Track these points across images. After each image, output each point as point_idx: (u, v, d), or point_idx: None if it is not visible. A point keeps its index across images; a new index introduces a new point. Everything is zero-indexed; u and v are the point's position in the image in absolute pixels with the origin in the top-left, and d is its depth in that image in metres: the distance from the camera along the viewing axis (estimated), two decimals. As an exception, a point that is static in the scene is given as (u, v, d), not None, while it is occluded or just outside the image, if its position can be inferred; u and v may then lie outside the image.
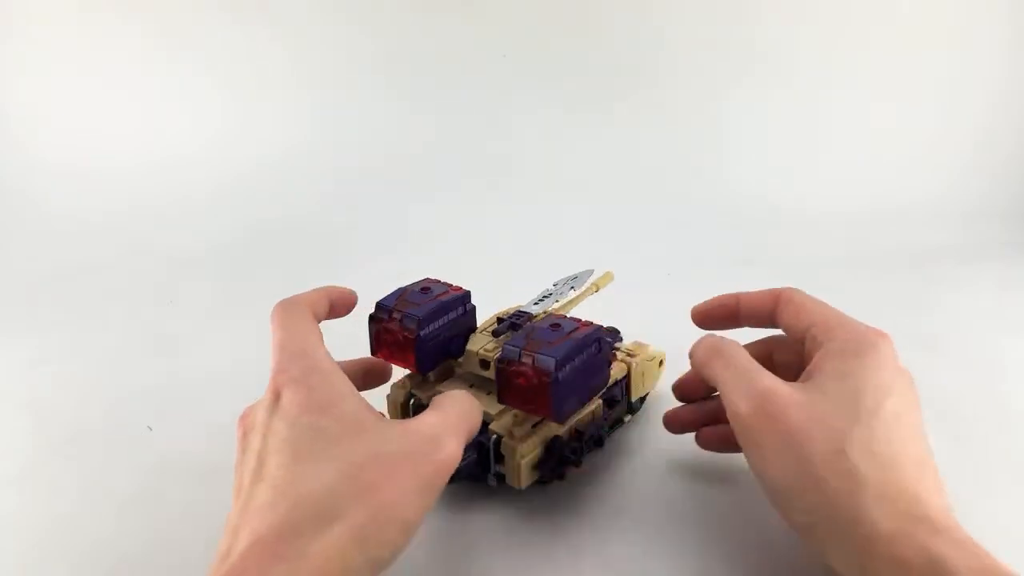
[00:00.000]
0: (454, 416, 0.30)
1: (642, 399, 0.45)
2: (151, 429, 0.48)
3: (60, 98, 0.97)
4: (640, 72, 0.96)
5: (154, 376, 0.55)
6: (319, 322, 0.34)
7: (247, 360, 0.56)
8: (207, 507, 0.39)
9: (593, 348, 0.35)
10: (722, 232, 0.82)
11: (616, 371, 0.41)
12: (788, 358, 0.37)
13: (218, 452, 0.44)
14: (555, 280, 0.45)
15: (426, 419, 0.29)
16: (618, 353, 0.43)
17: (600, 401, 0.39)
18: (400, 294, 0.39)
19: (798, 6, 0.94)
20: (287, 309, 0.34)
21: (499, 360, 0.34)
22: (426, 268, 0.48)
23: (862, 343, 0.31)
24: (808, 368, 0.32)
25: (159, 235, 0.85)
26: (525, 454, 0.35)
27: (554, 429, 0.37)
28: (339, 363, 0.32)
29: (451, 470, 0.28)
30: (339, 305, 0.37)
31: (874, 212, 0.86)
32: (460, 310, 0.39)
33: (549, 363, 0.32)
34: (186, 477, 0.43)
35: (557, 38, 0.96)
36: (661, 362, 0.45)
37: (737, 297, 0.38)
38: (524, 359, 0.33)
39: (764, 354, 0.38)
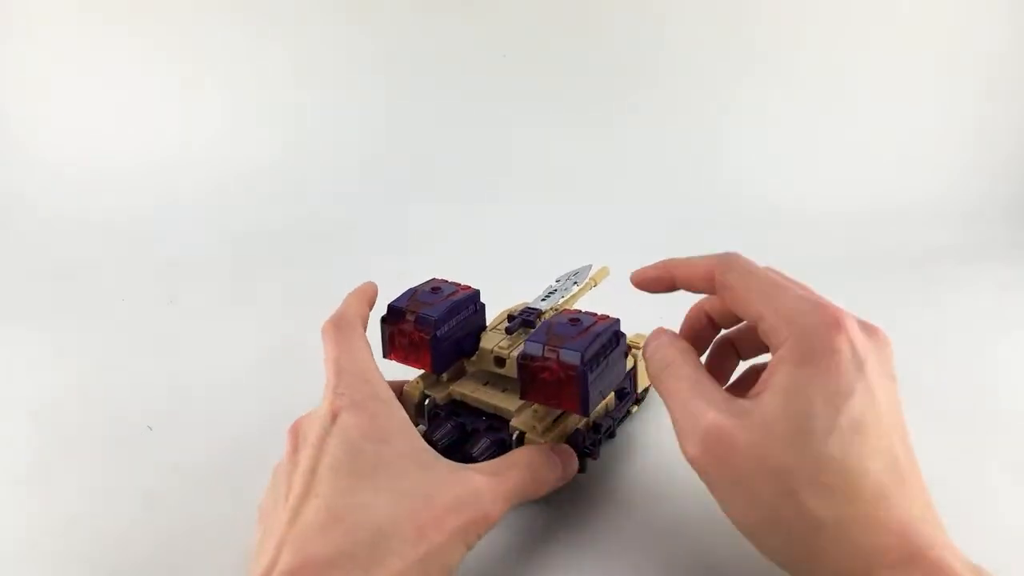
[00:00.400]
0: (511, 482, 0.31)
1: (646, 389, 0.46)
2: (151, 429, 0.48)
3: (60, 98, 0.97)
4: (640, 72, 0.96)
5: (154, 376, 0.55)
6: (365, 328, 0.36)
7: (247, 360, 0.57)
8: (207, 507, 0.39)
9: (613, 341, 0.35)
10: (722, 232, 0.82)
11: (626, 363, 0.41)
12: (754, 341, 0.35)
13: (218, 452, 0.44)
14: (557, 276, 0.46)
15: (483, 474, 0.30)
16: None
17: (612, 393, 0.40)
18: (411, 295, 0.39)
19: (798, 6, 0.94)
20: (341, 328, 0.34)
21: (521, 356, 0.34)
22: (426, 267, 0.48)
23: (813, 347, 0.27)
24: (763, 376, 0.28)
25: (159, 235, 0.85)
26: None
27: (574, 422, 0.37)
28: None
29: (489, 529, 0.29)
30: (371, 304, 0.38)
31: (874, 212, 0.86)
32: (471, 309, 0.39)
33: (575, 357, 0.33)
34: (186, 477, 0.42)
35: (557, 38, 0.96)
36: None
37: (672, 272, 0.34)
38: (548, 354, 0.33)
39: (726, 348, 0.37)
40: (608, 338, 0.35)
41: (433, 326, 0.36)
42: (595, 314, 0.36)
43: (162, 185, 0.92)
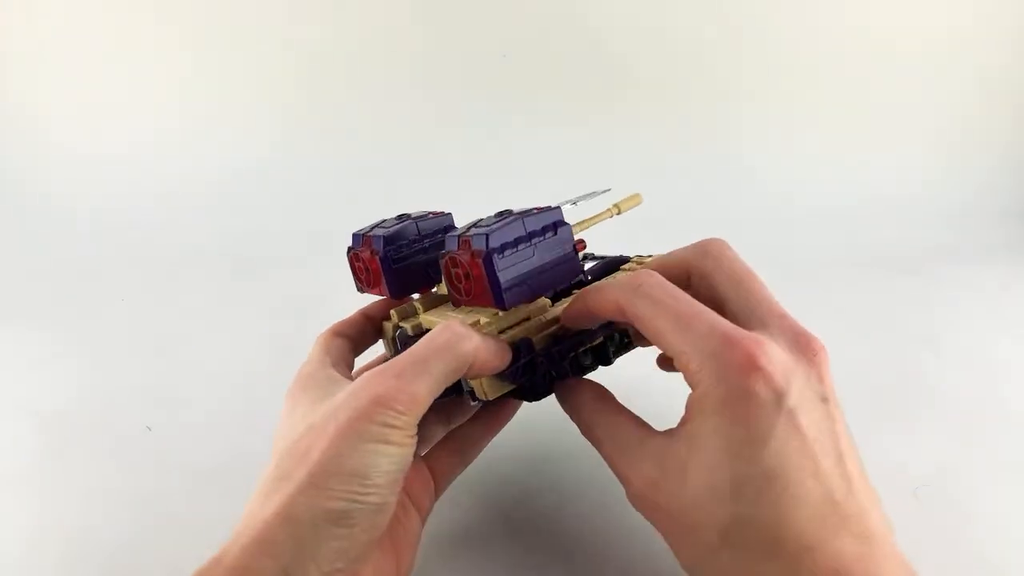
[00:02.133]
0: (398, 361, 0.28)
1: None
2: (150, 429, 0.48)
3: (59, 97, 0.97)
4: (644, 73, 0.96)
5: (154, 376, 0.55)
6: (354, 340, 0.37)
7: (247, 360, 0.57)
8: (207, 507, 0.39)
9: (546, 229, 0.31)
10: (722, 231, 0.82)
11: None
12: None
13: (218, 452, 0.44)
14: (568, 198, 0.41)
15: (364, 374, 0.29)
16: (631, 264, 0.38)
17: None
18: (376, 223, 0.37)
19: (800, 8, 0.94)
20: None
21: (440, 256, 0.31)
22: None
23: (726, 393, 0.25)
24: (683, 415, 0.27)
25: (159, 235, 0.85)
26: None
27: (527, 331, 0.33)
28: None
29: (385, 409, 0.26)
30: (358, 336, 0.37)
31: (874, 212, 0.86)
32: (440, 233, 0.37)
33: (481, 241, 0.29)
34: (186, 477, 0.42)
35: (558, 37, 0.96)
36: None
37: (588, 306, 0.31)
38: (462, 246, 0.30)
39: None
40: (536, 224, 0.31)
41: (382, 246, 0.34)
42: (541, 207, 0.33)
43: (163, 185, 0.92)
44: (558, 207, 0.32)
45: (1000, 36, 0.93)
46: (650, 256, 0.40)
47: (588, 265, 0.39)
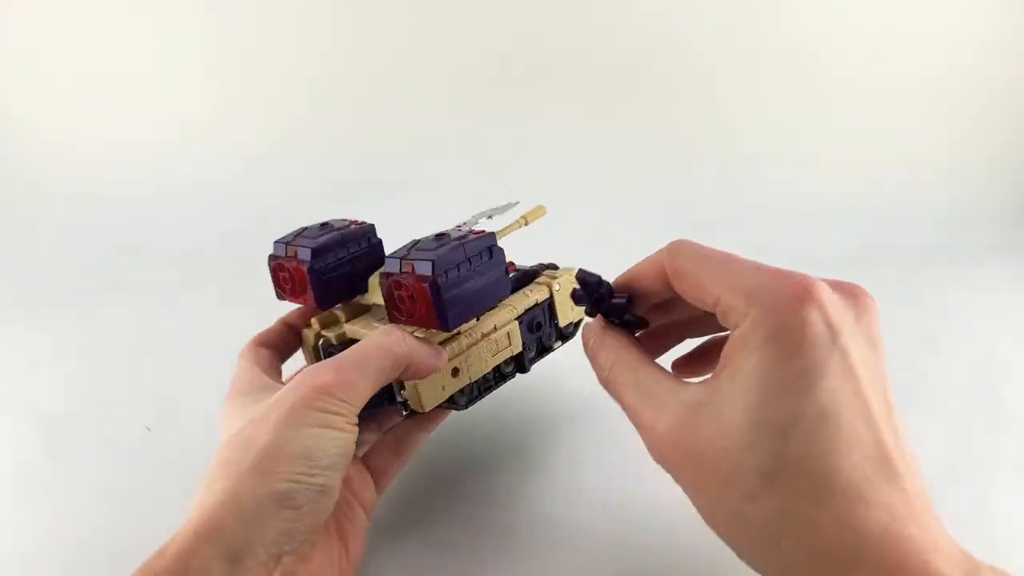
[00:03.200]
0: (340, 357, 0.30)
1: (576, 325, 0.42)
2: (150, 429, 0.48)
3: (60, 96, 0.97)
4: (642, 71, 0.96)
5: (154, 376, 0.55)
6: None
7: (247, 360, 0.57)
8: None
9: (482, 254, 0.33)
10: (722, 231, 0.82)
11: (537, 294, 0.39)
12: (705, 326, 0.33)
13: (217, 453, 0.44)
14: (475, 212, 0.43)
15: (304, 370, 0.31)
16: (542, 277, 0.41)
17: (515, 323, 0.37)
18: (299, 232, 0.38)
19: (801, 7, 0.94)
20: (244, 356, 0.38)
21: (381, 274, 0.33)
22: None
23: (777, 323, 0.23)
24: (722, 357, 0.25)
25: (159, 234, 0.85)
26: None
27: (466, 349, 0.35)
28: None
29: (326, 396, 0.28)
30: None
31: (875, 212, 0.86)
32: (363, 244, 0.38)
33: (426, 267, 0.31)
34: (185, 477, 0.42)
35: (553, 36, 0.96)
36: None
37: (631, 287, 0.31)
38: (404, 269, 0.31)
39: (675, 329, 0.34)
40: (474, 250, 0.32)
41: (310, 257, 0.35)
42: (472, 230, 0.34)
43: (163, 184, 0.92)
44: (492, 233, 0.34)
45: (1004, 40, 0.93)
46: (553, 267, 0.43)
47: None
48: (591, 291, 0.30)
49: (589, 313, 0.32)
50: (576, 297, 0.32)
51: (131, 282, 0.74)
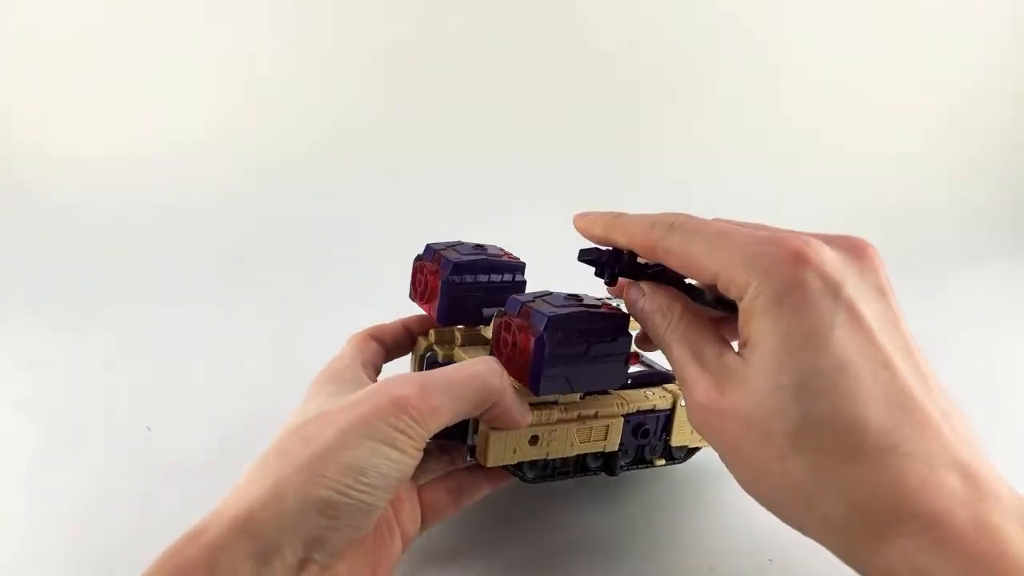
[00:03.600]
0: (429, 374, 0.28)
1: (690, 451, 0.38)
2: (150, 429, 0.48)
3: (59, 96, 0.97)
4: (638, 73, 0.96)
5: (154, 376, 0.55)
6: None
7: (247, 360, 0.57)
8: (207, 507, 0.39)
9: (608, 332, 0.30)
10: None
11: (658, 399, 0.35)
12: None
13: (217, 453, 0.44)
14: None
15: (390, 376, 0.29)
16: (673, 384, 0.37)
17: (620, 419, 0.34)
18: (453, 244, 0.37)
19: (805, 7, 0.94)
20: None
21: (497, 312, 0.31)
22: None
23: (776, 289, 0.23)
24: (740, 334, 0.26)
25: (159, 235, 0.85)
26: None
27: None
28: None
29: (401, 413, 0.26)
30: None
31: (875, 212, 0.86)
32: (507, 277, 0.36)
33: (541, 320, 0.29)
34: (185, 477, 0.42)
35: (551, 40, 0.96)
36: None
37: (614, 238, 0.31)
38: (521, 314, 0.30)
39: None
40: (602, 324, 0.30)
41: (450, 271, 0.34)
42: (608, 303, 0.32)
43: (162, 184, 0.92)
44: (626, 315, 0.31)
45: (1011, 38, 0.93)
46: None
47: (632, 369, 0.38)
48: (612, 260, 0.30)
49: (609, 283, 0.31)
50: (593, 262, 0.31)
51: (131, 282, 0.74)
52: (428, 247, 0.37)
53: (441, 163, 0.94)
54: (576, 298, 0.31)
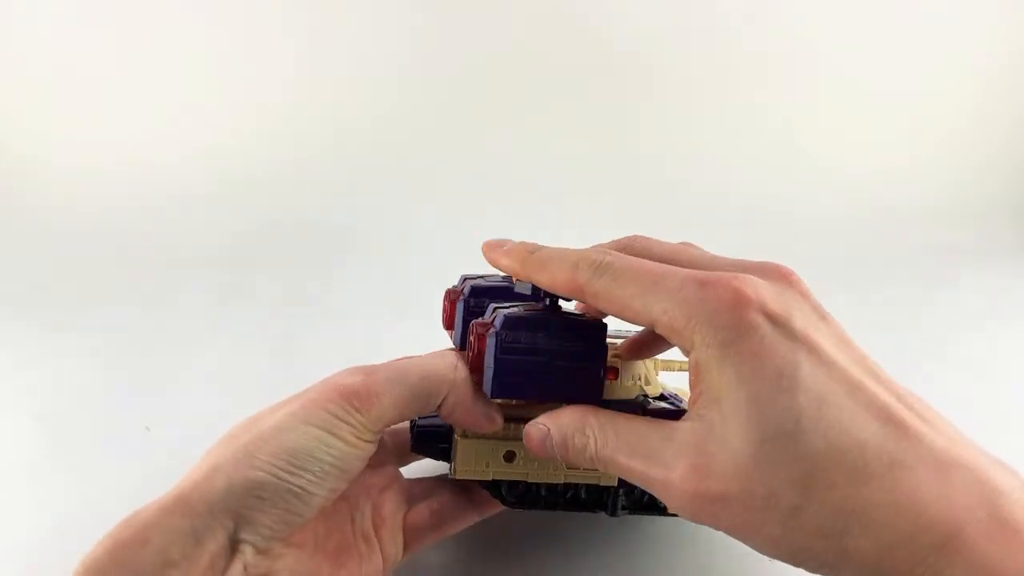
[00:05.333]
0: (379, 364, 0.28)
1: None
2: (149, 429, 0.47)
3: (58, 97, 0.97)
4: (642, 71, 0.96)
5: (154, 376, 0.55)
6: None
7: (247, 360, 0.57)
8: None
9: (575, 339, 0.28)
10: (725, 231, 0.82)
11: None
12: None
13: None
14: None
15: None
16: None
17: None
18: (501, 286, 0.33)
19: (801, 8, 0.94)
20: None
21: (469, 313, 0.31)
22: (427, 267, 0.48)
23: (726, 338, 0.22)
24: (693, 389, 0.24)
25: (159, 235, 0.85)
26: (470, 435, 0.30)
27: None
28: None
29: (342, 401, 0.26)
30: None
31: (874, 212, 0.86)
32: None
33: (500, 320, 0.28)
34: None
35: (554, 40, 0.96)
36: None
37: (529, 275, 0.29)
38: (491, 317, 0.29)
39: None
40: (571, 331, 0.28)
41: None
42: (592, 315, 0.30)
43: (162, 184, 0.92)
44: (604, 324, 0.29)
45: (1017, 38, 0.92)
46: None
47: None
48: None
49: None
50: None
51: (131, 282, 0.74)
52: (472, 287, 0.32)
53: (442, 165, 0.94)
54: (556, 309, 0.29)
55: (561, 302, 0.30)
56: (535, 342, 0.27)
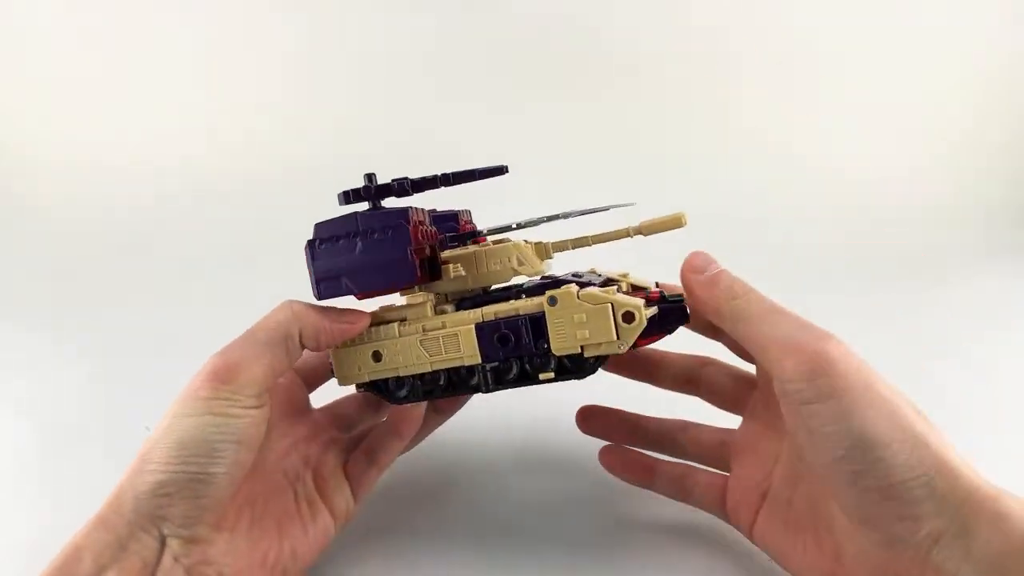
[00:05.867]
0: (235, 339, 0.32)
1: (595, 360, 0.31)
2: (149, 429, 0.47)
3: (58, 98, 0.97)
4: (646, 69, 0.96)
5: (154, 376, 0.55)
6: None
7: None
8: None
9: (380, 231, 0.31)
10: (723, 230, 0.81)
11: (524, 303, 0.32)
12: (722, 380, 0.36)
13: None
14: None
15: None
16: (566, 287, 0.32)
17: (470, 328, 0.32)
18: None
19: (804, 9, 0.94)
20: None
21: None
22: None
23: (815, 369, 0.26)
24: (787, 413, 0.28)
25: (159, 235, 0.85)
26: (341, 346, 0.34)
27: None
28: None
29: (207, 384, 0.29)
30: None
31: (876, 212, 0.86)
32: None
33: (312, 231, 0.31)
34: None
35: (559, 33, 0.96)
36: (629, 315, 0.30)
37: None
38: None
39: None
40: (370, 224, 0.31)
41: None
42: (395, 208, 0.33)
43: (162, 185, 0.92)
44: (403, 210, 0.32)
45: (1002, 36, 0.93)
46: (609, 280, 0.36)
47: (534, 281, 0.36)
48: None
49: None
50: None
51: (131, 283, 0.74)
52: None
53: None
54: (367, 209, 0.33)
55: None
56: (343, 243, 0.31)
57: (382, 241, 0.31)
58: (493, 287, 0.36)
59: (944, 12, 0.93)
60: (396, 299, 0.36)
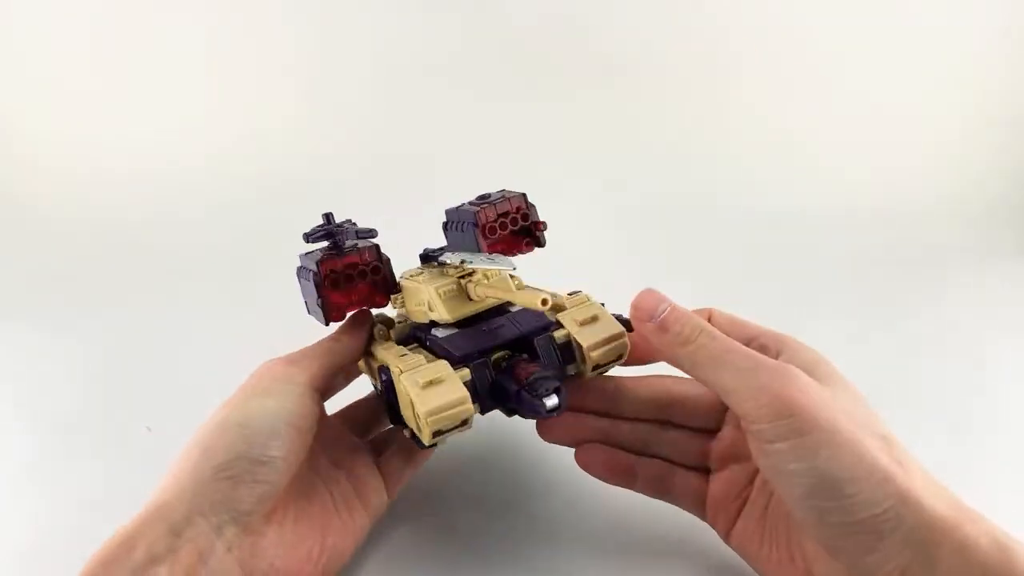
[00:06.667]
0: (296, 352, 0.35)
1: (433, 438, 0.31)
2: (150, 429, 0.48)
3: (57, 98, 0.97)
4: (644, 69, 0.96)
5: (154, 376, 0.55)
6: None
7: (247, 360, 0.57)
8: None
9: (306, 272, 0.35)
10: (721, 233, 0.82)
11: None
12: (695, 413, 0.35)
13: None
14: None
15: None
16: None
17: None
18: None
19: (805, 7, 0.94)
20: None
21: None
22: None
23: (778, 411, 0.27)
24: (756, 454, 0.28)
25: (159, 235, 0.85)
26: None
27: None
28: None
29: (268, 375, 0.32)
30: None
31: (876, 213, 0.86)
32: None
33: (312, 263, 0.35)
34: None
35: (555, 35, 0.96)
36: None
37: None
38: None
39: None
40: (305, 264, 0.36)
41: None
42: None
43: (163, 185, 0.92)
44: (313, 252, 0.36)
45: (1003, 37, 0.93)
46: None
47: None
48: None
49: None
50: None
51: (131, 282, 0.74)
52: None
53: (444, 168, 0.94)
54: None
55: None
56: (301, 277, 0.35)
57: (308, 283, 0.35)
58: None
59: (944, 12, 0.93)
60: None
